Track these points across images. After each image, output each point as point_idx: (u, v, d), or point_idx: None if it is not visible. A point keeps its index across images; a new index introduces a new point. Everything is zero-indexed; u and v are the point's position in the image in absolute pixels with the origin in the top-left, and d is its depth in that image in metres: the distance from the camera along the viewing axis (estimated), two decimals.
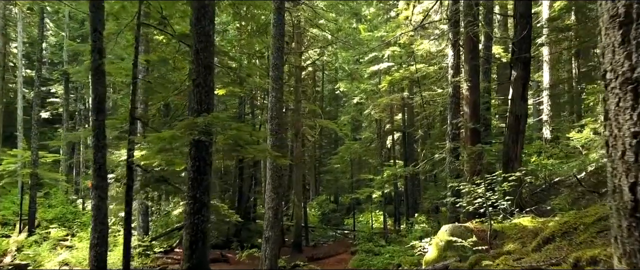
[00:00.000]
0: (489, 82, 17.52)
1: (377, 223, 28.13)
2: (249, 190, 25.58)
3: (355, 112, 31.77)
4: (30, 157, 18.89)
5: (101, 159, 8.00)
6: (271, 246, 13.66)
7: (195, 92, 6.61)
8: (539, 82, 24.21)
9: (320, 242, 25.74)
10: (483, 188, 8.10)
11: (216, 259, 17.65)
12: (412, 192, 26.30)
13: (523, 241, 7.09)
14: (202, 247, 6.48)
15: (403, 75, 19.88)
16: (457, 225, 8.27)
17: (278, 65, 13.96)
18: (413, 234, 16.96)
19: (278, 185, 13.83)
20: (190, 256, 6.41)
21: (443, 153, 13.01)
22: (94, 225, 8.08)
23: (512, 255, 6.09)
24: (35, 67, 22.06)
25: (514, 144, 11.88)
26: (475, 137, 11.94)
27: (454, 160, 12.18)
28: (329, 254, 19.81)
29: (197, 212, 6.51)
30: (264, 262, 13.68)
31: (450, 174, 12.34)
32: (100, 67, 8.05)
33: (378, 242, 19.96)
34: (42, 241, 17.21)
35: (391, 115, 26.05)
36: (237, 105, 26.50)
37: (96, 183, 8.03)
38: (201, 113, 6.46)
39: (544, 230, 7.22)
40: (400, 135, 28.20)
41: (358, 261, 17.37)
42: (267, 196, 13.91)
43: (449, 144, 12.55)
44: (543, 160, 19.42)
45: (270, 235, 13.69)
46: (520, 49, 11.73)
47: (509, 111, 12.18)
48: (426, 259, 8.49)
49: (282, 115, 14.47)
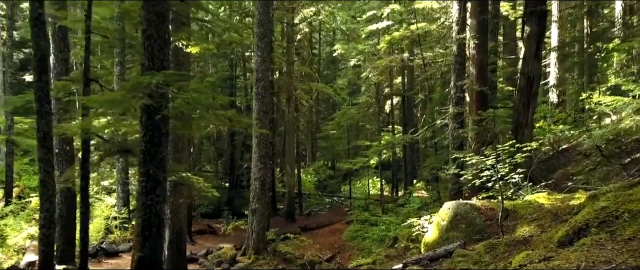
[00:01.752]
0: (496, 41, 16.12)
1: (374, 190, 27.25)
2: (240, 157, 24.53)
3: (353, 75, 30.34)
4: (4, 122, 17.74)
5: (46, 126, 6.81)
6: (258, 219, 12.70)
7: (146, 46, 5.37)
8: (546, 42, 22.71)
9: (315, 210, 24.91)
10: (493, 159, 6.97)
11: (202, 230, 16.77)
12: (410, 158, 25.27)
13: (540, 224, 6.01)
14: (156, 234, 5.39)
15: (403, 35, 18.42)
16: (462, 203, 7.19)
17: (264, 21, 12.57)
18: (411, 204, 16.01)
19: (265, 154, 12.72)
20: (143, 244, 5.34)
21: (445, 119, 11.83)
22: (42, 203, 6.99)
23: (530, 245, 5.01)
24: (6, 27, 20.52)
25: (525, 108, 10.68)
26: (481, 101, 10.73)
27: (458, 127, 11.01)
28: (323, 224, 18.94)
29: (150, 191, 5.39)
30: (250, 236, 12.75)
31: (452, 142, 11.19)
32: (40, 17, 6.75)
33: (374, 212, 19.07)
34: (19, 211, 16.23)
35: (390, 78, 24.68)
36: (228, 67, 25.10)
37: (41, 155, 6.88)
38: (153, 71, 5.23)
39: (564, 210, 6.14)
40: (399, 99, 26.94)
41: (353, 232, 16.49)
42: (253, 165, 12.83)
43: (452, 108, 11.33)
44: (550, 126, 18.29)
45: (257, 207, 12.70)
46: (534, 0, 10.38)
47: (520, 72, 10.92)
48: (426, 241, 7.45)
49: (269, 77, 13.19)
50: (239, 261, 12.40)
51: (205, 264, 11.82)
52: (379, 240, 14.77)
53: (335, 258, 14.23)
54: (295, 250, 14.15)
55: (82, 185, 7.09)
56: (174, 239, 9.72)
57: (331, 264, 13.44)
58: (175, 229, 9.72)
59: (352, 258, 14.33)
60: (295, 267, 12.65)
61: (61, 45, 10.56)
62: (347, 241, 16.32)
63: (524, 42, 10.70)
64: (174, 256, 9.73)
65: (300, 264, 12.75)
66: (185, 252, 10.19)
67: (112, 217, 13.91)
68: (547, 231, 5.56)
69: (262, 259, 12.54)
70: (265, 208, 12.87)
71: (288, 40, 20.29)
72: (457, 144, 11.14)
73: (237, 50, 22.88)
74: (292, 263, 13.02)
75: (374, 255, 12.92)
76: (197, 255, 12.61)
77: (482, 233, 6.67)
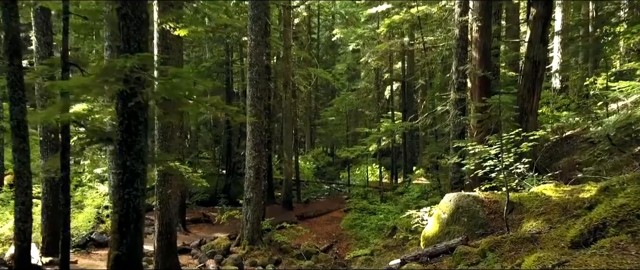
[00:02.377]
0: (499, 24, 15.56)
1: (373, 177, 26.91)
2: (237, 144, 24.09)
3: (353, 60, 29.76)
4: None
5: (19, 114, 6.39)
6: (253, 208, 12.32)
7: (121, 26, 4.89)
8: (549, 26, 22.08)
9: (313, 198, 24.58)
10: (497, 149, 6.55)
11: (197, 219, 16.43)
12: (410, 145, 24.88)
13: (548, 218, 5.61)
14: (134, 231, 4.99)
15: (403, 18, 17.86)
16: (464, 195, 6.78)
17: (258, 3, 12.04)
18: (410, 193, 15.64)
19: (259, 142, 12.29)
20: (120, 241, 4.94)
21: (446, 105, 11.38)
22: (17, 196, 6.60)
23: (539, 244, 4.61)
24: None
25: (530, 94, 10.24)
26: (485, 87, 10.26)
27: (459, 114, 10.56)
28: (321, 212, 18.61)
29: (127, 184, 4.97)
30: (245, 226, 12.39)
31: (454, 129, 10.76)
32: None
33: (373, 199, 18.72)
34: (10, 200, 15.84)
35: (390, 63, 24.14)
36: (224, 52, 24.51)
37: (15, 145, 6.46)
38: (128, 54, 4.78)
39: (574, 204, 5.73)
40: (399, 85, 26.44)
41: (351, 221, 16.16)
42: (247, 154, 12.41)
43: (454, 94, 10.87)
44: (554, 113, 17.82)
45: (251, 197, 12.32)
46: None
47: (525, 56, 10.45)
48: (425, 234, 7.06)
49: (263, 62, 12.70)
50: (233, 252, 12.06)
51: (197, 255, 11.47)
52: (378, 230, 14.43)
53: (332, 248, 13.91)
54: (292, 239, 13.82)
55: (63, 175, 6.66)
56: (163, 231, 9.34)
57: (328, 254, 13.11)
58: (165, 220, 9.33)
59: (350, 248, 14.02)
60: (291, 257, 12.32)
61: (44, 28, 10.06)
62: (345, 230, 16.00)
63: (530, 25, 10.21)
64: (164, 248, 9.36)
65: (296, 255, 12.42)
66: (176, 244, 9.82)
67: (104, 206, 13.53)
68: (556, 227, 5.15)
69: (257, 249, 12.20)
70: (260, 197, 12.49)
71: (285, 24, 19.71)
72: (459, 132, 10.71)
73: (234, 35, 22.29)
74: (288, 253, 12.68)
75: (372, 246, 12.60)
76: (190, 246, 12.26)
77: (485, 227, 6.28)
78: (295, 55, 22.12)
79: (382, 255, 11.54)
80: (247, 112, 12.27)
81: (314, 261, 12.05)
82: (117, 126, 5.06)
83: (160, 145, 9.35)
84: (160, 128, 9.35)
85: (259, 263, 11.51)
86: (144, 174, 5.19)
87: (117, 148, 5.07)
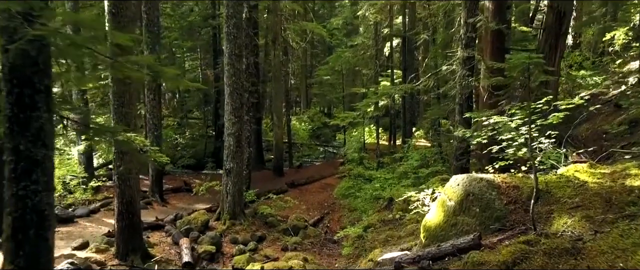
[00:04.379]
0: None
1: (370, 138, 25.63)
2: None
3: (350, 14, 27.78)
4: None
5: None
6: (234, 180, 11.08)
7: None
8: None
9: (307, 162, 23.39)
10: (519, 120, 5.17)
11: (178, 188, 15.21)
12: (410, 106, 23.41)
13: (588, 215, 4.31)
14: (36, 238, 3.70)
15: None
16: (475, 178, 5.46)
17: None
18: (409, 160, 14.37)
19: (239, 106, 10.88)
20: (15, 252, 3.66)
21: (452, 64, 9.88)
22: None
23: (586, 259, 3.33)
24: None
25: (552, 51, 8.78)
26: (498, 43, 8.76)
27: (467, 75, 9.09)
28: (313, 179, 17.43)
29: (23, 176, 3.64)
30: (225, 199, 11.19)
31: (460, 92, 9.30)
32: None
33: (369, 165, 17.50)
34: None
35: (390, 17, 22.29)
36: (210, 5, 22.61)
37: None
38: None
39: (620, 194, 4.43)
40: (399, 41, 24.70)
41: (344, 189, 14.99)
42: (226, 120, 11.05)
43: (461, 51, 9.34)
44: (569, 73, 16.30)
45: (232, 167, 11.05)
46: None
47: (548, 6, 8.90)
48: (427, 224, 5.80)
49: (242, 12, 11.08)
50: (212, 227, 10.91)
51: (171, 232, 10.30)
52: (373, 199, 13.26)
53: (323, 220, 12.79)
54: (279, 211, 12.68)
55: None
56: (123, 211, 8.10)
57: (318, 228, 11.99)
58: (125, 198, 8.07)
59: (343, 219, 12.90)
60: (277, 232, 11.20)
61: None
62: (338, 199, 14.87)
63: None
64: (125, 230, 8.16)
65: (283, 230, 11.29)
66: (140, 224, 8.59)
67: (71, 175, 12.28)
68: (603, 231, 3.85)
69: (239, 224, 11.05)
70: (241, 167, 11.22)
71: None
72: (466, 95, 9.28)
73: None
74: (274, 228, 11.56)
75: (366, 219, 11.45)
76: (164, 221, 11.08)
77: (502, 221, 5.00)
78: (287, 9, 20.28)
79: (377, 232, 10.40)
80: (224, 72, 10.80)
81: (302, 237, 10.93)
82: (5, 99, 3.66)
83: (116, 114, 7.96)
84: (116, 93, 7.93)
85: (240, 240, 10.39)
86: (49, 161, 3.84)
87: (5, 127, 3.68)
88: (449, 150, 13.28)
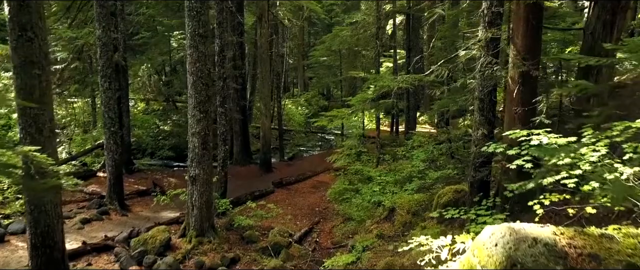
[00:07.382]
0: None
1: (370, 124, 23.56)
2: None
3: None
4: None
5: None
6: (200, 189, 9.09)
7: None
8: None
9: (302, 151, 21.38)
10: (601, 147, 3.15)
11: (146, 190, 13.04)
12: (414, 90, 21.27)
13: None
14: None
15: None
16: (525, 237, 3.43)
17: None
18: (414, 158, 12.33)
19: (205, 99, 8.79)
20: None
21: (472, 48, 7.73)
22: None
23: None
24: None
25: (606, 30, 6.65)
26: (535, 20, 6.60)
27: (493, 62, 6.97)
28: (305, 176, 15.47)
29: None
30: (190, 212, 9.22)
31: (481, 84, 7.18)
32: None
33: (368, 157, 15.46)
34: None
35: None
36: None
37: None
38: None
39: None
40: (403, 18, 22.44)
41: (339, 191, 12.96)
42: (189, 116, 8.99)
43: (484, 32, 7.18)
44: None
45: (197, 174, 9.04)
46: None
47: None
48: None
49: None
50: (174, 247, 8.96)
51: (121, 255, 8.36)
52: (371, 206, 11.27)
53: (311, 233, 10.82)
54: (261, 221, 10.73)
55: None
56: (39, 244, 6.13)
57: (304, 245, 10.03)
58: (39, 229, 6.09)
59: (335, 231, 10.94)
60: (254, 252, 9.25)
61: None
62: (332, 202, 12.91)
63: None
64: (42, 268, 6.21)
65: (261, 248, 9.34)
66: (64, 258, 6.59)
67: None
68: None
69: (208, 242, 9.11)
70: (209, 174, 9.21)
71: None
72: (489, 88, 7.17)
73: None
74: (253, 244, 9.62)
75: (362, 237, 9.47)
76: (115, 240, 9.11)
77: None
78: None
79: (375, 255, 8.42)
80: (187, 57, 8.69)
81: (283, 259, 8.98)
82: None
83: (23, 116, 5.92)
84: (23, 115, 5.89)
85: (207, 265, 8.46)
86: None
87: None
88: (462, 151, 11.23)
